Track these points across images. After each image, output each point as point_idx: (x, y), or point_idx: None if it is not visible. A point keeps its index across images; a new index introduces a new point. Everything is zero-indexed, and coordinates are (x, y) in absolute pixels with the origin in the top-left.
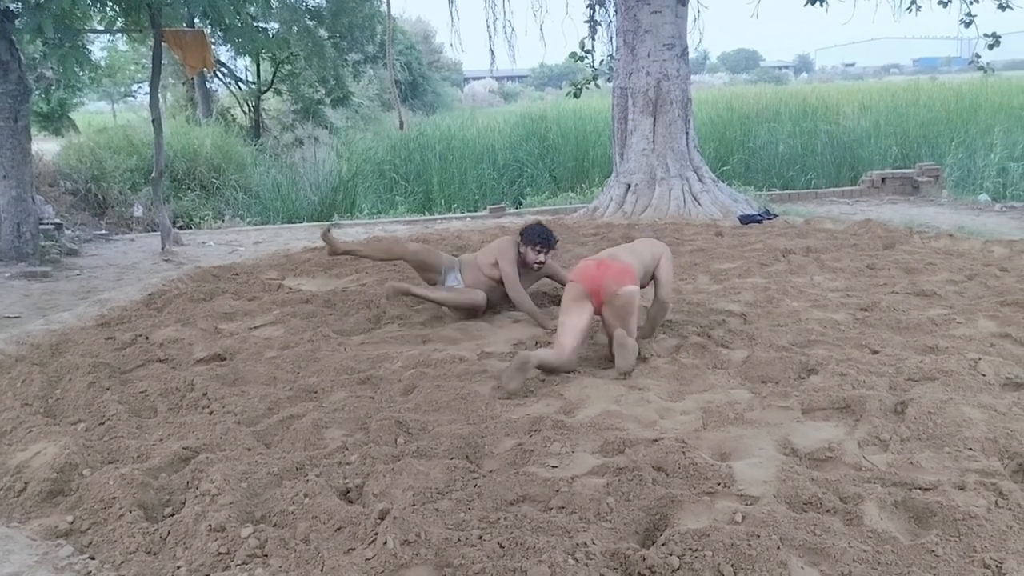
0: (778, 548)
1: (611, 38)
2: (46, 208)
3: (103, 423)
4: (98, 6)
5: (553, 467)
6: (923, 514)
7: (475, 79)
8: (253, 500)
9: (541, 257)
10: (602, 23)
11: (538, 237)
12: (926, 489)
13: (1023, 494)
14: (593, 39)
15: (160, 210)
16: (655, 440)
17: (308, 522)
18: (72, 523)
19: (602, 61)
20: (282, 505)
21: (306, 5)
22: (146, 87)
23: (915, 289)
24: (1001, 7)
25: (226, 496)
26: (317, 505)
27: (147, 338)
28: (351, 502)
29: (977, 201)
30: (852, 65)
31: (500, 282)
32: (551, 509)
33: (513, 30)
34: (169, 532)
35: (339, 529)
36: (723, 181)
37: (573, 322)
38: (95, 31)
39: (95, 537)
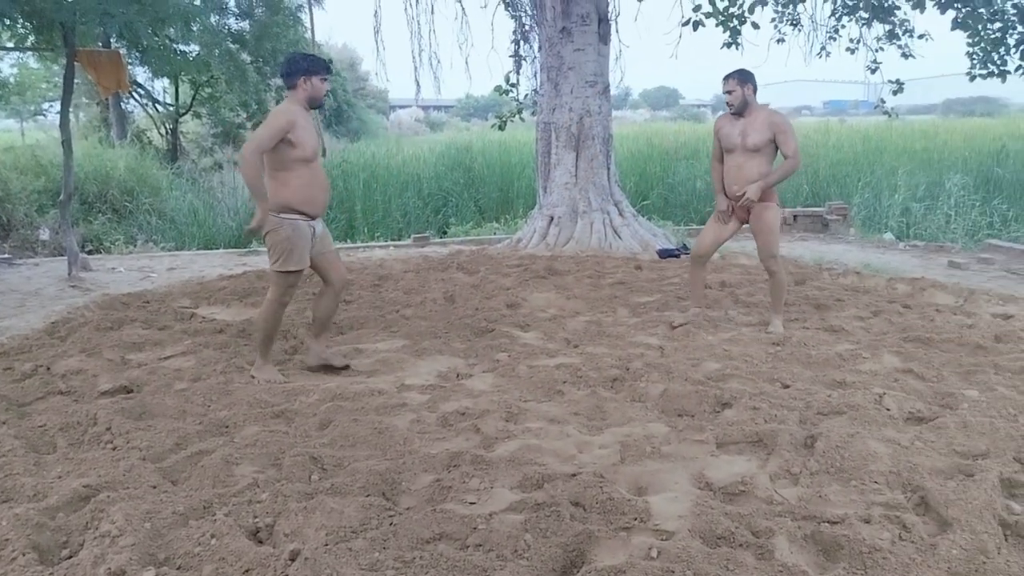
0: None
1: (535, 73)
2: None
3: None
4: (8, 23)
5: (471, 503)
6: (831, 547)
7: (401, 107)
8: (156, 541)
9: (328, 85)
10: (527, 58)
11: (316, 62)
12: (834, 522)
13: (925, 527)
14: (518, 73)
15: (68, 234)
16: (573, 475)
17: (215, 564)
18: None
19: (527, 95)
20: (187, 546)
21: (228, 29)
22: (57, 106)
23: (824, 325)
24: (904, 56)
25: (127, 537)
26: (224, 546)
27: (48, 369)
28: (261, 542)
29: (882, 239)
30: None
31: None
32: (468, 547)
33: (439, 62)
34: None
35: (247, 571)
36: (643, 215)
37: None
38: (5, 48)
39: None
